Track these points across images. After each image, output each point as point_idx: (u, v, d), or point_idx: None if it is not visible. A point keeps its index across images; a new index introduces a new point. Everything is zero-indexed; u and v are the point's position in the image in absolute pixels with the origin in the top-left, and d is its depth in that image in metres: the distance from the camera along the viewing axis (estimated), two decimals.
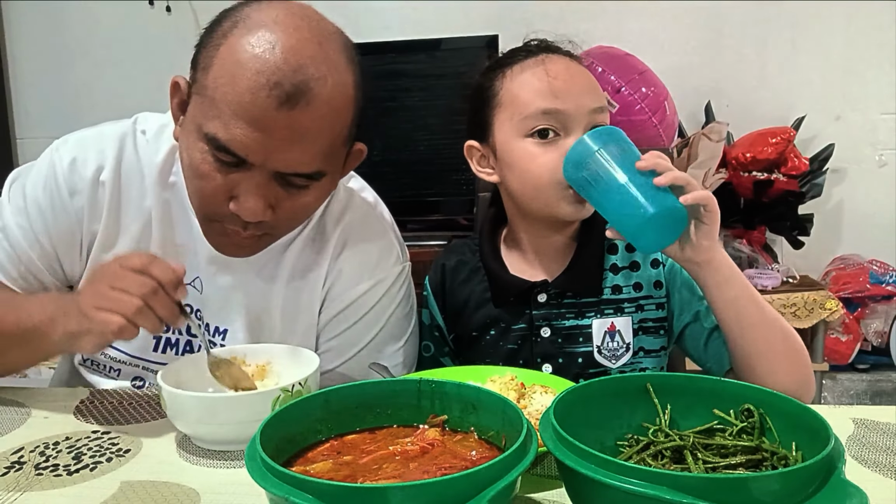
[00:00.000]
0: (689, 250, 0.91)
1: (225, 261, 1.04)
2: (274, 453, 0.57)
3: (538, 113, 0.98)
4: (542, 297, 1.07)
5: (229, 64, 0.86)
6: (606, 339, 1.05)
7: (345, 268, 1.07)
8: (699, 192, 0.88)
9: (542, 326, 1.06)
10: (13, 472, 0.78)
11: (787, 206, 2.59)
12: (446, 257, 1.17)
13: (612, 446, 0.69)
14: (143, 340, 1.05)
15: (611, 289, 1.06)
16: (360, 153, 1.02)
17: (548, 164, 0.98)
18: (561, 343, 1.06)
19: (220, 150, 0.87)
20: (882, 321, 2.62)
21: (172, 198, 1.04)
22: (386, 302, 1.08)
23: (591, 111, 0.98)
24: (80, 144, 1.04)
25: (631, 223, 0.88)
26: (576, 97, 0.98)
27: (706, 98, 2.71)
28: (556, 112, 0.98)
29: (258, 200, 0.89)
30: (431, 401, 0.71)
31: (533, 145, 0.99)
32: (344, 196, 1.11)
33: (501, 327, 1.08)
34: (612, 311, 1.05)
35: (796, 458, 0.61)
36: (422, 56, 2.57)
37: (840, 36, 2.70)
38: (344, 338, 1.07)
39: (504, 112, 1.02)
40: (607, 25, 2.71)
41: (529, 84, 1.00)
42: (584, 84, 1.01)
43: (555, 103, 0.98)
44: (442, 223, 2.55)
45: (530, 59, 1.03)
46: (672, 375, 0.72)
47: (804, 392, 0.94)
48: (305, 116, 0.86)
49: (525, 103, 1.00)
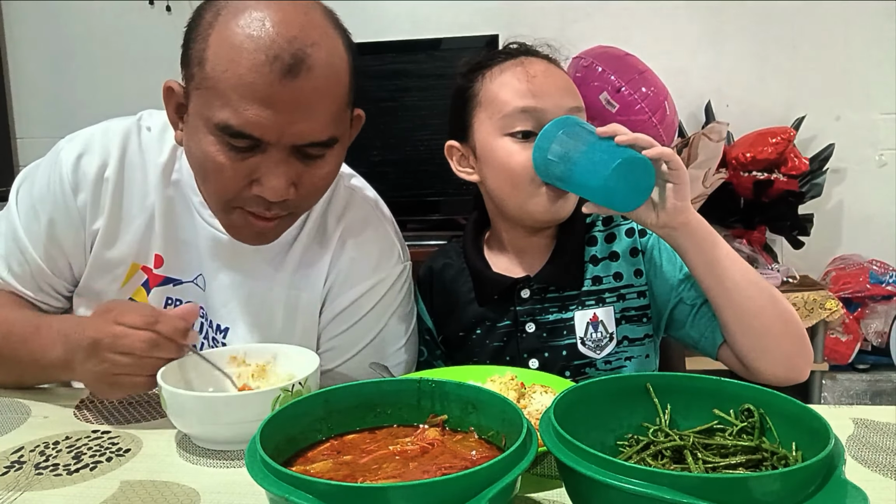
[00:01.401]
0: (662, 215, 0.93)
1: (228, 259, 1.04)
2: (274, 453, 0.57)
3: (517, 111, 1.00)
4: (525, 292, 1.08)
5: (225, 50, 0.86)
6: (590, 330, 1.06)
7: (346, 267, 1.07)
8: (661, 148, 0.90)
9: (527, 322, 1.07)
10: (13, 472, 0.78)
11: (787, 206, 2.59)
12: (433, 260, 1.18)
13: (612, 446, 0.69)
14: None
15: (591, 280, 1.08)
16: (360, 119, 1.04)
17: (524, 161, 1.00)
18: (546, 337, 1.07)
19: (236, 136, 0.87)
20: (882, 321, 2.62)
21: (176, 194, 1.05)
22: (387, 301, 1.08)
23: (568, 110, 1.01)
24: (86, 141, 1.04)
25: (599, 183, 0.90)
26: (554, 97, 1.01)
27: (706, 98, 2.71)
28: (534, 110, 1.00)
29: (280, 179, 0.90)
30: (431, 400, 0.71)
31: (511, 142, 1.02)
32: (345, 194, 1.11)
33: (487, 325, 1.09)
34: (593, 303, 1.07)
35: (796, 458, 0.61)
36: (422, 56, 2.57)
37: (840, 36, 2.70)
38: (345, 337, 1.08)
39: (484, 112, 1.04)
40: (607, 25, 2.71)
41: (509, 84, 1.02)
42: (562, 84, 1.03)
43: (533, 102, 1.00)
44: (442, 223, 2.54)
45: (509, 60, 1.05)
46: (672, 375, 0.72)
47: (801, 361, 0.96)
48: (309, 84, 0.87)
49: (504, 102, 1.02)
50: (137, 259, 1.05)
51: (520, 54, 1.06)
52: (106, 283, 1.06)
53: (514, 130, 1.01)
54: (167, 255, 1.05)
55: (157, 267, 1.06)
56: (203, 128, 0.89)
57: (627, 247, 1.08)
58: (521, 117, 1.00)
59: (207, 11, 0.90)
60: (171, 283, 1.06)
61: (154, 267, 1.06)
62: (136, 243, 1.04)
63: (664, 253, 1.07)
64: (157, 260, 1.05)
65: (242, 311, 1.06)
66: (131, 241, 1.04)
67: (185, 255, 1.05)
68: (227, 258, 1.05)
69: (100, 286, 1.06)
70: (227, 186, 0.91)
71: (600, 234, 1.10)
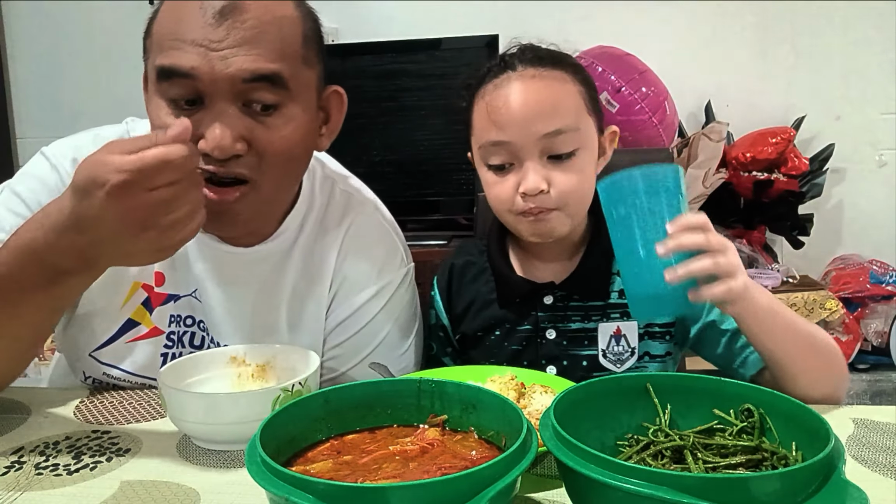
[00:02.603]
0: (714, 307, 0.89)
1: (224, 273, 1.02)
2: (274, 453, 0.57)
3: (489, 144, 1.00)
4: (548, 298, 1.06)
5: (167, 10, 0.89)
6: (612, 342, 1.04)
7: (350, 274, 1.06)
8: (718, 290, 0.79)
9: (548, 328, 1.06)
10: (13, 472, 0.78)
11: (787, 206, 2.59)
12: (455, 257, 1.17)
13: (612, 446, 0.69)
14: (149, 358, 1.04)
15: (618, 293, 1.05)
16: (339, 96, 1.01)
17: (500, 195, 1.01)
18: (566, 345, 1.05)
19: (169, 77, 0.86)
20: (882, 321, 2.62)
21: None
22: (392, 306, 1.07)
23: (542, 136, 0.97)
24: (78, 147, 1.00)
25: (629, 288, 0.83)
26: (522, 125, 0.97)
27: (706, 98, 2.71)
28: (502, 143, 0.99)
29: (224, 129, 0.85)
30: (431, 400, 0.71)
31: (489, 174, 1.02)
32: (342, 199, 1.09)
33: (506, 328, 1.08)
34: (618, 315, 1.05)
35: (796, 458, 0.61)
36: (422, 56, 2.57)
37: (840, 36, 2.70)
38: (351, 344, 1.06)
39: (472, 137, 1.05)
40: (607, 25, 2.71)
41: (482, 114, 1.01)
42: (535, 109, 0.97)
43: (500, 136, 0.98)
44: (442, 223, 2.54)
45: (490, 82, 1.01)
46: (672, 375, 0.72)
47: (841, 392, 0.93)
48: (242, 23, 0.86)
49: (478, 134, 1.02)
50: (139, 277, 1.02)
51: (506, 68, 1.01)
52: (105, 301, 1.02)
53: (490, 163, 1.01)
54: (166, 270, 1.03)
55: (159, 285, 1.03)
56: (152, 91, 0.89)
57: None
58: (493, 150, 1.00)
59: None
60: (173, 299, 1.04)
61: (156, 285, 1.03)
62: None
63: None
64: (158, 278, 1.03)
65: (243, 326, 1.04)
66: None
67: (181, 270, 1.03)
68: (222, 272, 1.02)
69: (100, 305, 1.02)
70: None
71: None
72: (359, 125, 2.54)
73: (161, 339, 1.04)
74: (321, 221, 1.07)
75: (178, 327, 1.05)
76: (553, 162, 0.98)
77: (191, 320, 1.05)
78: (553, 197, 0.98)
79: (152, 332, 1.04)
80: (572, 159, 0.99)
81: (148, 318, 1.03)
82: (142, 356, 1.04)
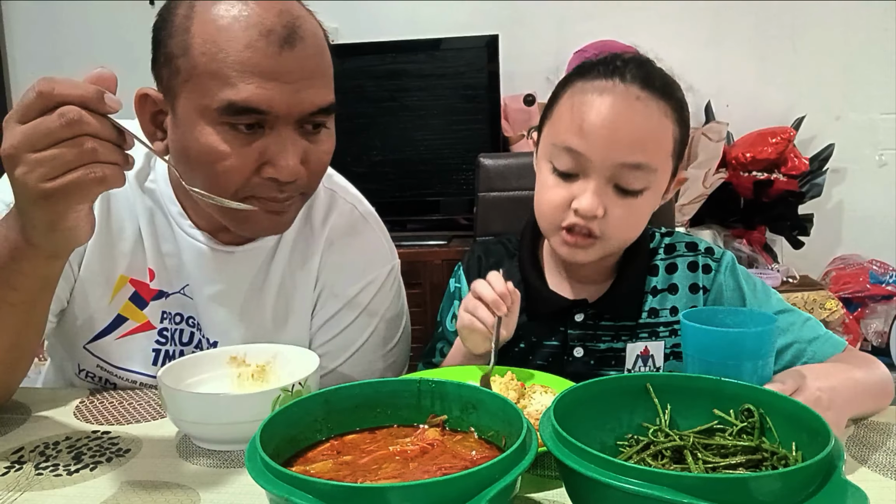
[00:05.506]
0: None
1: (212, 271, 1.03)
2: (274, 453, 0.57)
3: (563, 147, 0.95)
4: (579, 316, 1.04)
5: (211, 34, 0.85)
6: (639, 362, 1.03)
7: (335, 270, 1.06)
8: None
9: (576, 346, 1.03)
10: (13, 472, 0.78)
11: (787, 206, 2.59)
12: (483, 250, 1.13)
13: (612, 446, 0.69)
14: (141, 354, 1.05)
15: (648, 312, 1.03)
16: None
17: (553, 201, 0.96)
18: (593, 365, 1.03)
19: (241, 113, 0.85)
20: (882, 321, 2.62)
21: (154, 206, 1.03)
22: (378, 301, 1.08)
23: (617, 164, 0.92)
24: None
25: None
26: (605, 144, 0.92)
27: (706, 98, 2.71)
28: (578, 155, 0.93)
29: (294, 156, 0.88)
30: (431, 401, 0.71)
31: (549, 174, 0.97)
32: (326, 197, 1.09)
33: (532, 341, 1.05)
34: (647, 335, 1.03)
35: (796, 458, 0.61)
36: (422, 56, 2.57)
37: (840, 36, 2.70)
38: (338, 341, 1.07)
39: (548, 127, 1.00)
40: (607, 25, 2.71)
41: (569, 109, 0.95)
42: (626, 134, 0.92)
43: (579, 145, 0.93)
44: (442, 223, 2.54)
45: (595, 81, 0.95)
46: (672, 375, 0.72)
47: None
48: (305, 52, 0.87)
49: (557, 130, 0.97)
50: (128, 272, 1.03)
51: (614, 75, 0.95)
52: (94, 294, 1.02)
53: (556, 166, 0.96)
54: (156, 270, 1.03)
55: (152, 280, 1.04)
56: (200, 119, 0.86)
57: (688, 281, 1.03)
58: (564, 154, 0.94)
59: (178, 8, 0.88)
60: (164, 296, 1.04)
61: (149, 281, 1.04)
62: (128, 255, 1.02)
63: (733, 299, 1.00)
64: (151, 274, 1.03)
65: (232, 323, 1.04)
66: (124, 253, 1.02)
67: (171, 267, 1.03)
68: (212, 269, 1.03)
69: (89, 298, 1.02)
70: (235, 175, 0.88)
71: (662, 262, 1.05)
72: (359, 125, 2.54)
73: (153, 335, 1.05)
74: (306, 219, 1.07)
75: (171, 324, 1.05)
76: (617, 192, 0.94)
77: (180, 317, 1.05)
78: (602, 225, 0.94)
79: (144, 326, 1.04)
80: (637, 198, 0.95)
81: (139, 313, 1.04)
82: (133, 352, 1.04)
